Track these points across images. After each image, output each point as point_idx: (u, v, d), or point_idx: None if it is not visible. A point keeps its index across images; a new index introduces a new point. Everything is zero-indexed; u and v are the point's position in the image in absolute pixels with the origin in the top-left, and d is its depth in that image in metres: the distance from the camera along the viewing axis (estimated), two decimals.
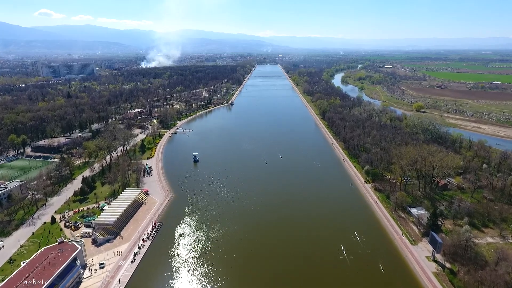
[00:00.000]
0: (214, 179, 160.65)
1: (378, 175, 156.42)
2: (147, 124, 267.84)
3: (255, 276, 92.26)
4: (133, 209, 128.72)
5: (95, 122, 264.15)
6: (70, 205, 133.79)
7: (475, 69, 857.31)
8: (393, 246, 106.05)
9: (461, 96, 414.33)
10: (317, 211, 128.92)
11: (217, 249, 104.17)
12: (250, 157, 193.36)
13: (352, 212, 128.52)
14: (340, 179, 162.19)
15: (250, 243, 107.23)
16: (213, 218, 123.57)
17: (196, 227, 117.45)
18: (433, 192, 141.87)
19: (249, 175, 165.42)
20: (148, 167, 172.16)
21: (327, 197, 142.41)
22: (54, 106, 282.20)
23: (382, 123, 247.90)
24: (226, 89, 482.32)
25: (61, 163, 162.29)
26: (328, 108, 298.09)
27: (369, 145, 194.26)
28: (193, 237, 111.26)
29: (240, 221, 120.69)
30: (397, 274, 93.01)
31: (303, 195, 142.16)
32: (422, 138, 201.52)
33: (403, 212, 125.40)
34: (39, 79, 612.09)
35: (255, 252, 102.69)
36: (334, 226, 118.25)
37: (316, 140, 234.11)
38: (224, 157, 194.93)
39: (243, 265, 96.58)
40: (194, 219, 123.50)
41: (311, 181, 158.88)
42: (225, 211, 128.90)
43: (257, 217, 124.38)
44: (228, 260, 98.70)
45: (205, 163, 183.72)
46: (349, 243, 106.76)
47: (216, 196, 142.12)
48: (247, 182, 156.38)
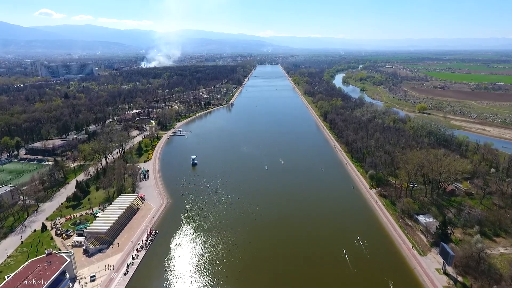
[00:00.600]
0: (213, 183, 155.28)
1: (382, 180, 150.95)
2: (145, 126, 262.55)
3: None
4: (127, 216, 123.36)
5: (92, 123, 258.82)
6: (63, 211, 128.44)
7: (477, 69, 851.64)
8: (400, 257, 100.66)
9: (464, 97, 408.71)
10: (319, 214, 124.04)
11: (215, 259, 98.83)
12: (250, 160, 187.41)
13: (357, 219, 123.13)
14: (343, 183, 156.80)
15: (250, 253, 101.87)
16: (211, 225, 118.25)
17: (193, 236, 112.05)
18: (440, 198, 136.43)
19: (249, 179, 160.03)
20: (144, 170, 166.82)
21: (330, 203, 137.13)
22: (51, 107, 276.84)
23: (385, 125, 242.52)
24: (226, 89, 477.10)
25: (54, 166, 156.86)
26: (330, 109, 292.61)
27: (372, 148, 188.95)
28: (190, 247, 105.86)
29: (239, 229, 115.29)
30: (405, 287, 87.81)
31: (305, 198, 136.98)
32: (427, 141, 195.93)
33: (410, 220, 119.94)
34: (37, 79, 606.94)
35: (255, 264, 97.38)
36: (339, 235, 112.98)
37: (318, 142, 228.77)
38: (223, 160, 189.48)
39: (242, 278, 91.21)
40: (191, 226, 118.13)
41: (314, 185, 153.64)
42: (223, 218, 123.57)
43: (257, 224, 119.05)
44: (227, 271, 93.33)
45: (204, 166, 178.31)
46: (353, 251, 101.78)
47: (214, 201, 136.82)
48: (246, 187, 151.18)
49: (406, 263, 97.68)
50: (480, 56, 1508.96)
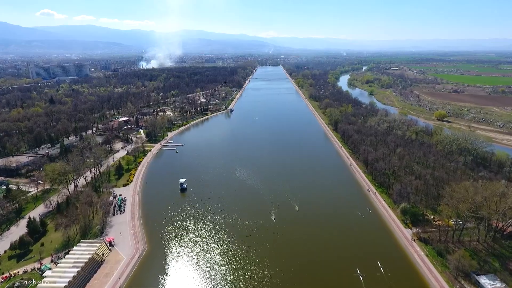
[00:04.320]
0: (205, 220, 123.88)
1: (418, 215, 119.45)
2: (132, 136, 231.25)
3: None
4: (87, 273, 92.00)
5: (72, 134, 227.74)
6: (2, 265, 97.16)
7: (485, 71, 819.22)
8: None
9: (483, 103, 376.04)
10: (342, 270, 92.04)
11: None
12: (251, 196, 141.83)
13: (396, 278, 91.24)
14: (371, 225, 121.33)
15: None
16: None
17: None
18: (498, 243, 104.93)
19: (252, 227, 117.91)
20: (121, 199, 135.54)
21: (365, 259, 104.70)
22: (27, 115, 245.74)
23: (406, 137, 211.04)
24: (225, 93, 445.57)
25: (5, 196, 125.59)
26: (340, 117, 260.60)
27: (396, 169, 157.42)
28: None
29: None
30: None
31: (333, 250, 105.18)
32: (462, 160, 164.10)
33: (468, 283, 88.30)
34: (28, 81, 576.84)
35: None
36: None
37: (330, 159, 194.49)
38: (217, 184, 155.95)
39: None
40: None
41: (340, 230, 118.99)
42: (219, 278, 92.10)
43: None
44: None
45: (195, 192, 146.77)
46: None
47: (205, 250, 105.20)
48: (248, 235, 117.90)
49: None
50: (484, 57, 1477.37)
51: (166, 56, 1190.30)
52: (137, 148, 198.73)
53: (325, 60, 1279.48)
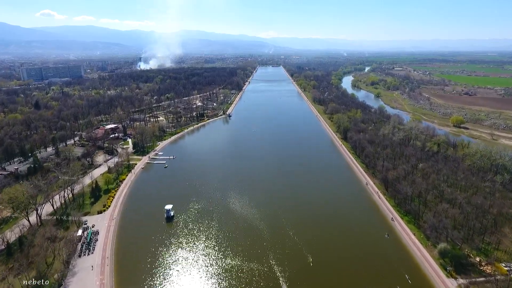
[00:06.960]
0: (196, 264, 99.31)
1: (461, 258, 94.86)
2: (118, 147, 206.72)
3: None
4: None
5: (51, 145, 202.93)
6: None
7: (491, 71, 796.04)
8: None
9: (499, 106, 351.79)
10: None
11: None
12: (248, 228, 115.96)
13: None
14: (402, 264, 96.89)
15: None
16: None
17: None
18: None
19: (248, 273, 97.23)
20: (91, 233, 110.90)
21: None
22: (1, 123, 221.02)
23: (427, 149, 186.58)
24: (223, 96, 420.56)
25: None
26: (349, 125, 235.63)
27: (423, 190, 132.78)
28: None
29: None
30: None
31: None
32: (499, 180, 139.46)
33: None
34: (18, 83, 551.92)
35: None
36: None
37: (343, 178, 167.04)
38: (211, 213, 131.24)
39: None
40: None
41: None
42: None
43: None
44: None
45: (183, 221, 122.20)
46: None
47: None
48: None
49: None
50: (486, 58, 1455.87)
51: (165, 57, 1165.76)
52: (121, 163, 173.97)
53: (326, 61, 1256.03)
